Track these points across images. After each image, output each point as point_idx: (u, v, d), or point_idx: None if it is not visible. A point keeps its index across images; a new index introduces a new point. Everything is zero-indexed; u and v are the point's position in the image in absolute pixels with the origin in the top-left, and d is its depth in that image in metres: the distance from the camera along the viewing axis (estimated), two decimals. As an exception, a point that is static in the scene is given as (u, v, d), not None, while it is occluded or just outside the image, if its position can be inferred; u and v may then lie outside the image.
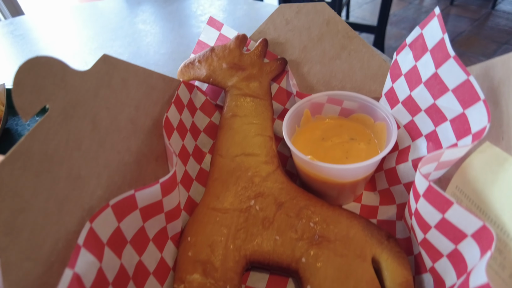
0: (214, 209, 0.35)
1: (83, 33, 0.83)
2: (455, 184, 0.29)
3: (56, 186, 0.23)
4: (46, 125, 0.23)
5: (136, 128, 0.32)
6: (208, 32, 0.44)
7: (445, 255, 0.27)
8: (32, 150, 0.22)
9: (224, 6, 0.87)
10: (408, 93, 0.34)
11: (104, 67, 0.28)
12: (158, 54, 0.70)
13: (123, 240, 0.27)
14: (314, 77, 0.43)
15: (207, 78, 0.42)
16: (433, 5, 3.19)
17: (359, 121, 0.41)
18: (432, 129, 0.33)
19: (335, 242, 0.33)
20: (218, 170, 0.38)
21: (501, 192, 0.24)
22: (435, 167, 0.28)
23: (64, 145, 0.24)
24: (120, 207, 0.26)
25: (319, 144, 0.40)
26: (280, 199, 0.36)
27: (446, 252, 0.27)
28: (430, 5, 3.19)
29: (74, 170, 0.24)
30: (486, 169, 0.26)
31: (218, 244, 0.33)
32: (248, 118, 0.40)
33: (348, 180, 0.36)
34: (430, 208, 0.26)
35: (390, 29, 2.87)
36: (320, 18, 0.42)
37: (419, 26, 0.31)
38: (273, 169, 0.38)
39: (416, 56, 0.32)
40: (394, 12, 3.11)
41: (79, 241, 0.22)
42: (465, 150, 0.26)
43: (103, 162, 0.27)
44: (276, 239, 0.33)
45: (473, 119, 0.28)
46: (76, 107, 0.25)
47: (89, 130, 0.26)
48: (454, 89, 0.29)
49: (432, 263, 0.29)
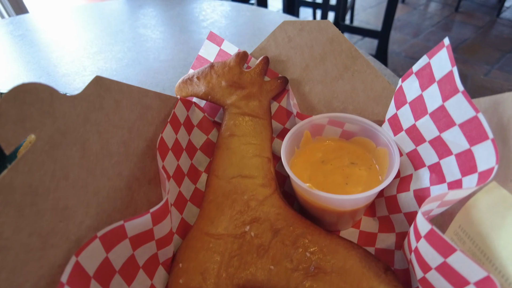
0: (207, 234, 0.34)
1: (83, 36, 0.82)
2: (458, 223, 0.28)
3: (40, 220, 0.22)
4: (31, 155, 0.22)
5: (128, 151, 0.30)
6: (208, 47, 0.43)
7: None
8: (15, 184, 0.20)
9: (226, 12, 0.86)
10: (413, 122, 0.33)
11: (96, 90, 0.27)
12: (157, 61, 0.69)
13: (112, 270, 0.26)
14: (315, 97, 0.42)
15: (205, 95, 0.40)
16: (438, 10, 3.18)
17: (360, 144, 0.40)
18: (436, 161, 0.32)
19: (331, 274, 0.32)
20: (214, 192, 0.37)
21: (508, 238, 0.23)
22: (437, 205, 0.27)
23: (51, 176, 0.23)
24: (109, 238, 0.25)
25: (318, 167, 0.38)
26: (276, 225, 0.35)
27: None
28: (435, 10, 3.18)
29: (61, 201, 0.23)
30: (492, 212, 0.25)
31: (210, 272, 0.32)
32: (246, 138, 0.39)
33: (348, 208, 0.35)
34: (431, 250, 0.25)
35: (394, 34, 2.85)
36: (323, 36, 0.41)
37: (427, 55, 0.30)
38: (270, 192, 0.37)
39: (422, 85, 0.31)
40: (398, 17, 3.10)
41: (62, 278, 0.21)
42: (470, 191, 0.25)
43: (92, 190, 0.26)
44: (270, 268, 0.32)
45: (480, 157, 0.26)
46: (65, 134, 0.24)
47: (78, 158, 0.25)
48: (461, 124, 0.28)
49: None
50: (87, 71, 0.68)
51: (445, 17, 3.10)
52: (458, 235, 0.27)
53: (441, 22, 3.00)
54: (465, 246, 0.27)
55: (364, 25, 2.97)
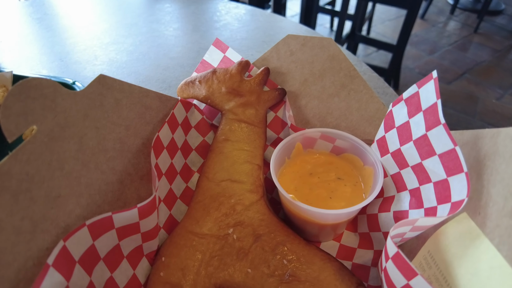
0: (192, 233, 0.36)
1: (98, 25, 0.84)
2: (428, 249, 0.29)
3: (33, 205, 0.24)
4: (31, 146, 0.23)
5: (124, 148, 0.32)
6: (212, 53, 0.45)
7: None
8: (13, 171, 0.22)
9: (240, 15, 0.88)
10: (398, 146, 0.34)
11: (98, 88, 0.29)
12: (167, 58, 0.71)
13: (96, 257, 0.28)
14: (310, 111, 0.43)
15: (205, 99, 0.42)
16: (457, 30, 3.15)
17: (349, 161, 0.41)
18: (417, 186, 0.33)
19: (305, 283, 0.33)
20: (202, 193, 0.39)
21: (468, 269, 0.25)
22: (410, 229, 0.29)
23: (47, 166, 0.25)
24: (97, 227, 0.27)
25: (305, 180, 0.40)
26: (258, 231, 0.36)
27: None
28: (453, 30, 3.16)
29: (54, 190, 0.25)
30: (459, 242, 0.26)
31: (190, 269, 0.34)
32: (239, 144, 0.41)
33: (329, 222, 0.36)
34: (396, 272, 0.26)
35: (409, 49, 2.85)
36: (324, 53, 0.42)
37: (417, 85, 0.32)
38: (257, 198, 0.38)
39: (410, 112, 0.32)
40: (415, 33, 3.09)
41: (48, 260, 0.23)
42: (440, 220, 0.27)
43: (85, 181, 0.28)
44: (248, 271, 0.34)
45: (454, 188, 0.28)
46: (65, 128, 0.26)
47: (74, 151, 0.27)
48: (440, 155, 0.29)
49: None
50: (98, 61, 0.70)
51: (463, 37, 3.07)
52: (426, 260, 0.29)
53: (458, 41, 2.98)
54: (431, 270, 0.28)
55: (380, 37, 2.96)
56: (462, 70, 2.58)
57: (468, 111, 2.19)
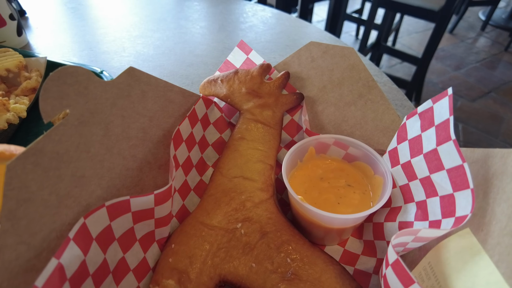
0: (202, 224, 0.38)
1: (128, 18, 0.87)
2: (428, 260, 0.30)
3: (60, 182, 0.26)
4: (63, 128, 0.25)
5: (146, 137, 0.34)
6: (236, 54, 0.46)
7: None
8: (46, 149, 0.24)
9: (266, 18, 0.89)
10: (409, 158, 0.35)
11: (127, 79, 0.31)
12: (192, 55, 0.73)
13: (111, 237, 0.30)
14: (326, 117, 0.44)
15: (225, 98, 0.44)
16: (487, 47, 3.08)
17: (360, 169, 0.42)
18: (424, 199, 0.34)
19: (306, 282, 0.34)
20: (215, 187, 0.40)
21: (465, 283, 0.25)
22: (412, 239, 0.29)
23: (75, 147, 0.27)
24: (114, 209, 0.29)
25: (315, 183, 0.41)
26: (265, 228, 0.38)
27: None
28: (483, 47, 3.09)
29: (80, 170, 0.27)
30: (459, 256, 0.27)
31: (197, 258, 0.35)
32: (254, 143, 0.42)
33: (335, 226, 0.37)
34: (395, 279, 0.27)
35: (434, 63, 2.80)
36: (345, 62, 0.43)
37: (432, 100, 0.32)
38: (267, 197, 0.40)
39: (423, 126, 0.33)
40: (442, 47, 3.03)
41: (70, 234, 0.25)
42: (442, 233, 0.27)
43: (107, 165, 0.30)
44: (252, 266, 0.35)
45: (460, 203, 0.28)
46: (94, 113, 0.28)
47: (100, 136, 0.29)
48: (448, 170, 0.29)
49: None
50: (126, 53, 0.73)
51: (493, 55, 3.00)
52: (426, 271, 0.29)
53: (487, 59, 2.91)
54: (430, 281, 0.28)
55: (406, 49, 2.93)
56: (488, 88, 2.52)
57: (491, 131, 2.14)
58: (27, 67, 0.58)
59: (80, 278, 0.26)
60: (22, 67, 0.57)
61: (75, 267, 0.25)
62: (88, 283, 0.27)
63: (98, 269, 0.29)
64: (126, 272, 0.33)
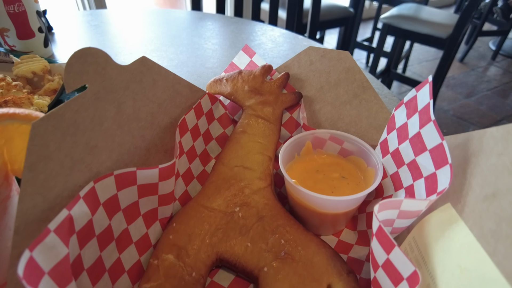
0: (202, 206, 0.40)
1: (146, 34, 0.94)
2: (413, 235, 0.31)
3: (75, 148, 0.29)
4: (81, 100, 0.29)
5: (154, 122, 0.38)
6: (241, 57, 0.50)
7: None
8: (65, 116, 0.28)
9: (274, 37, 0.95)
10: (397, 146, 0.37)
11: (140, 66, 0.35)
12: (203, 67, 0.78)
13: (117, 206, 0.33)
14: (323, 115, 0.47)
15: (229, 95, 0.47)
16: (498, 76, 3.09)
17: (354, 163, 0.44)
18: (411, 183, 0.36)
19: (298, 262, 0.36)
20: (217, 175, 0.43)
21: (442, 247, 0.27)
22: (397, 214, 0.31)
23: (90, 119, 0.30)
24: (122, 179, 0.32)
25: (311, 175, 0.43)
26: (262, 213, 0.40)
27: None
28: (494, 75, 3.10)
29: (93, 140, 0.30)
30: (439, 227, 0.29)
31: (196, 236, 0.37)
32: (255, 137, 0.45)
33: (329, 211, 0.39)
34: (379, 248, 0.29)
35: (445, 91, 2.82)
36: (341, 65, 0.47)
37: (415, 89, 0.35)
38: (265, 186, 0.42)
39: (408, 114, 0.36)
40: (453, 75, 3.06)
41: (80, 193, 0.28)
42: (423, 203, 0.29)
43: (118, 140, 0.33)
44: (247, 245, 0.37)
45: (441, 180, 0.30)
46: (109, 92, 0.32)
47: (113, 113, 0.32)
48: (430, 150, 0.32)
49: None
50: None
51: (504, 83, 3.01)
52: (410, 245, 0.31)
53: (498, 87, 2.92)
54: (413, 254, 0.30)
55: (416, 76, 2.97)
56: (500, 116, 2.51)
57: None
58: (50, 72, 0.64)
59: (87, 236, 0.29)
60: (46, 71, 0.62)
61: (83, 224, 0.28)
62: (93, 243, 0.30)
63: (103, 233, 0.31)
64: (129, 244, 0.35)
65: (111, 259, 0.33)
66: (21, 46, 0.78)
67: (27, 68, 0.62)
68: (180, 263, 0.35)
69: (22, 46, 0.78)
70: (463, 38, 2.23)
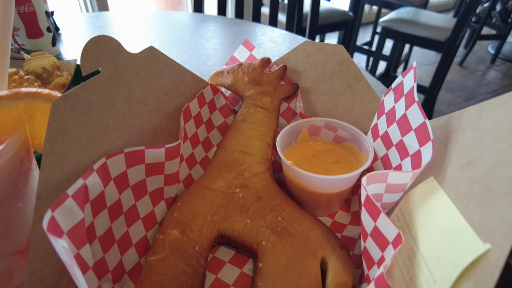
0: (205, 187, 0.43)
1: (149, 34, 0.98)
2: (399, 207, 0.34)
3: (90, 126, 0.32)
4: (95, 82, 0.32)
5: (160, 107, 0.40)
6: (241, 51, 0.53)
7: (376, 262, 0.32)
8: (81, 96, 0.31)
9: (274, 38, 0.98)
10: (386, 129, 0.40)
11: (148, 55, 0.38)
12: (205, 65, 0.81)
13: (126, 183, 0.35)
14: (319, 105, 0.50)
15: (230, 86, 0.50)
16: (497, 79, 3.12)
17: (348, 149, 0.47)
18: (399, 163, 0.38)
19: (294, 237, 0.38)
20: (218, 160, 0.46)
21: (423, 213, 0.29)
22: (385, 188, 0.34)
23: (103, 101, 0.33)
24: (131, 157, 0.34)
25: (307, 160, 0.46)
26: (260, 193, 0.42)
27: (376, 259, 0.32)
28: (493, 79, 3.13)
29: (105, 120, 0.33)
30: (422, 197, 0.31)
31: (199, 214, 0.40)
32: (254, 124, 0.48)
33: (323, 191, 0.41)
34: (367, 217, 0.31)
35: (444, 94, 2.85)
36: (336, 58, 0.50)
37: (402, 75, 0.38)
38: (263, 169, 0.45)
39: (396, 99, 0.38)
40: (453, 79, 3.09)
41: (94, 166, 0.30)
42: (408, 175, 0.32)
43: (128, 122, 0.36)
44: (247, 222, 0.40)
45: (425, 155, 0.33)
46: (120, 77, 0.35)
47: (124, 96, 0.35)
48: (415, 129, 0.34)
49: (367, 271, 0.34)
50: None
51: (503, 86, 3.04)
52: (397, 216, 0.33)
53: (497, 90, 2.95)
54: (399, 223, 0.33)
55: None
56: (499, 118, 2.52)
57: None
58: (59, 68, 0.67)
59: (99, 206, 0.32)
60: (55, 67, 0.65)
61: (96, 194, 0.31)
62: (104, 214, 0.33)
63: (113, 206, 0.34)
64: (136, 219, 0.38)
65: (120, 231, 0.36)
66: (30, 45, 0.81)
67: (37, 64, 0.65)
68: (184, 238, 0.38)
69: (31, 45, 0.81)
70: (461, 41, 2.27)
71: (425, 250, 0.26)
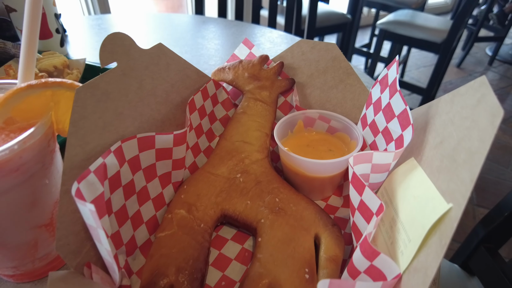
0: (209, 172, 0.47)
1: (151, 36, 1.02)
2: (384, 186, 0.38)
3: (106, 112, 0.36)
4: (111, 74, 0.36)
5: (168, 99, 0.44)
6: (241, 49, 0.57)
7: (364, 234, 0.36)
8: (99, 86, 0.35)
9: (273, 38, 1.02)
10: (373, 117, 0.44)
11: (157, 51, 0.42)
12: (206, 64, 0.85)
13: (138, 165, 0.39)
14: (313, 99, 0.54)
15: (231, 82, 0.54)
16: (495, 81, 3.16)
17: (340, 139, 0.51)
18: (385, 148, 0.42)
19: (290, 215, 0.42)
20: (220, 148, 0.50)
21: (403, 187, 0.33)
22: (370, 168, 0.37)
23: (118, 90, 0.37)
24: (143, 142, 0.38)
25: (302, 148, 0.50)
26: (259, 178, 0.46)
27: (363, 231, 0.35)
28: (491, 80, 3.17)
29: (120, 108, 0.37)
30: (402, 174, 0.35)
31: (204, 196, 0.44)
32: (254, 117, 0.52)
33: (316, 175, 0.45)
34: (354, 192, 0.35)
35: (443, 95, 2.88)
36: (329, 55, 0.54)
37: (386, 68, 0.42)
38: (262, 157, 0.49)
39: (382, 90, 0.42)
40: (451, 80, 3.13)
41: (111, 148, 0.34)
42: (391, 155, 0.36)
43: (139, 111, 0.40)
44: (247, 203, 0.44)
45: (406, 138, 0.37)
46: (132, 69, 0.39)
47: (136, 88, 0.39)
48: (398, 116, 0.38)
49: (356, 243, 0.37)
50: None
51: (501, 88, 3.07)
52: (381, 193, 0.37)
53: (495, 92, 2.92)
54: (383, 199, 0.36)
55: (414, 82, 3.04)
56: (496, 119, 2.56)
57: (502, 162, 2.16)
58: (69, 67, 0.71)
59: (115, 184, 0.36)
60: (65, 66, 0.69)
61: (113, 172, 0.35)
62: (119, 191, 0.36)
63: (127, 185, 0.38)
64: (147, 199, 0.41)
65: (133, 209, 0.39)
66: (40, 46, 0.85)
67: (49, 63, 0.69)
68: (191, 216, 0.42)
69: (40, 46, 0.86)
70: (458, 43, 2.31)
71: (403, 217, 0.30)
